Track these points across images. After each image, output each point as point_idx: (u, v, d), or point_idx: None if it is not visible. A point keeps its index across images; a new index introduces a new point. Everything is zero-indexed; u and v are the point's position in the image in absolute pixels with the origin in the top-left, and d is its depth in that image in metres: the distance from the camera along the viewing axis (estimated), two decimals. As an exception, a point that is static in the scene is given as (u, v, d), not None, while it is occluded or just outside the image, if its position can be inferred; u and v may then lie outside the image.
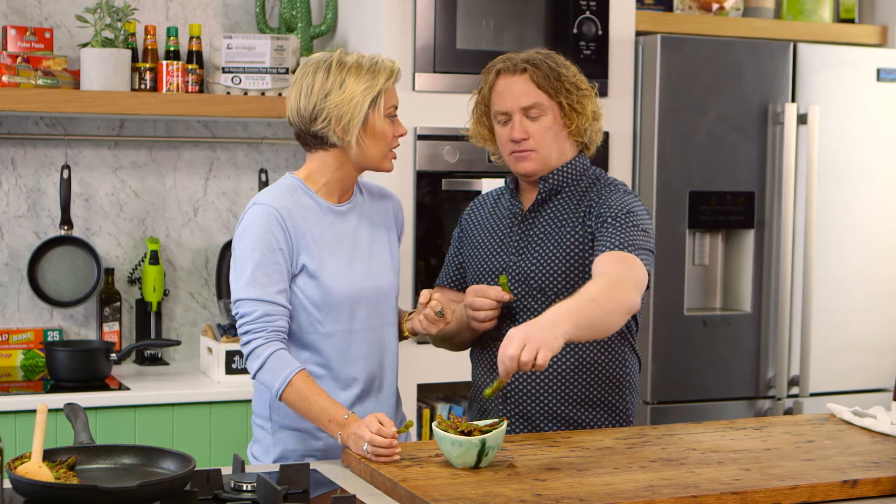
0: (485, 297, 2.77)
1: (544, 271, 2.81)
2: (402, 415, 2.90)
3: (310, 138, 2.75)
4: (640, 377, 4.18)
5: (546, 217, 2.86)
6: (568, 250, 2.81)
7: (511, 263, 2.85)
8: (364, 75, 2.70)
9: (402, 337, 2.88)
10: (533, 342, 2.33)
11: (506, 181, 2.97)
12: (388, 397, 2.82)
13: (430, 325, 2.77)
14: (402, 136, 2.77)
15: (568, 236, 2.82)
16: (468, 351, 3.00)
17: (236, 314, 2.68)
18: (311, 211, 2.74)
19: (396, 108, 2.76)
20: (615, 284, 2.56)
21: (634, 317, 2.90)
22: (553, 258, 2.81)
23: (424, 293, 2.77)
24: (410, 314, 2.85)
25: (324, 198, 2.76)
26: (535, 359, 2.32)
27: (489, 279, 2.88)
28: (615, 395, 2.88)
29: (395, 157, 2.78)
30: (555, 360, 2.81)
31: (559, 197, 2.87)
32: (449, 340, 2.96)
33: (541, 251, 2.83)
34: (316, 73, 2.71)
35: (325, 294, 2.70)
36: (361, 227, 2.80)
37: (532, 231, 2.86)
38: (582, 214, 2.82)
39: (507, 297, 2.77)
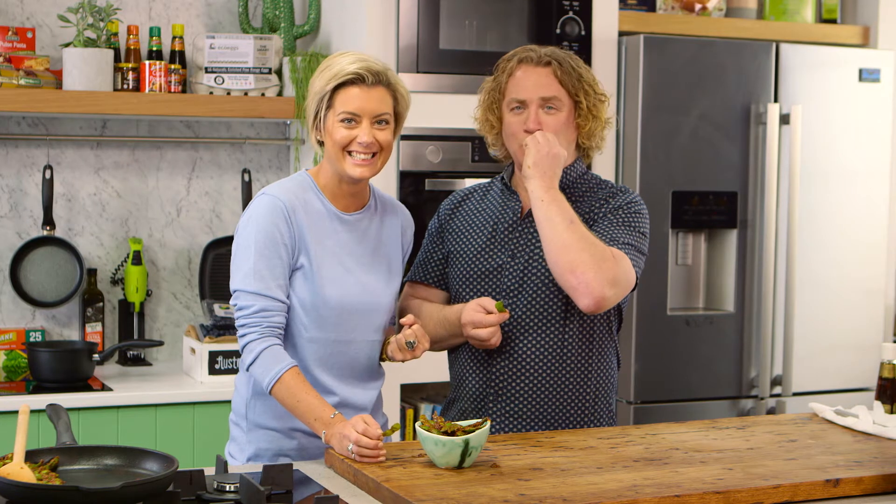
0: (486, 327, 2.72)
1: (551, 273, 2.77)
2: (385, 416, 2.87)
3: None
4: (623, 377, 4.22)
5: None
6: None
7: (511, 263, 2.82)
8: (321, 74, 2.68)
9: (381, 358, 2.83)
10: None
11: (502, 176, 2.93)
12: (366, 410, 2.77)
13: (398, 351, 2.72)
14: (362, 143, 2.64)
15: None
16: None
17: (234, 304, 2.66)
18: (318, 214, 2.70)
19: (354, 114, 2.65)
20: (599, 257, 2.63)
21: (619, 316, 2.90)
22: None
23: (409, 317, 2.70)
24: (391, 340, 2.78)
25: (331, 201, 2.72)
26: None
27: (484, 278, 2.84)
28: (601, 395, 2.87)
29: (363, 164, 2.66)
30: (546, 359, 2.80)
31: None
32: (439, 343, 2.88)
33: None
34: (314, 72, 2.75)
35: (316, 299, 2.67)
36: (367, 239, 2.76)
37: (535, 231, 2.81)
38: (590, 220, 2.80)
39: (506, 316, 2.73)
